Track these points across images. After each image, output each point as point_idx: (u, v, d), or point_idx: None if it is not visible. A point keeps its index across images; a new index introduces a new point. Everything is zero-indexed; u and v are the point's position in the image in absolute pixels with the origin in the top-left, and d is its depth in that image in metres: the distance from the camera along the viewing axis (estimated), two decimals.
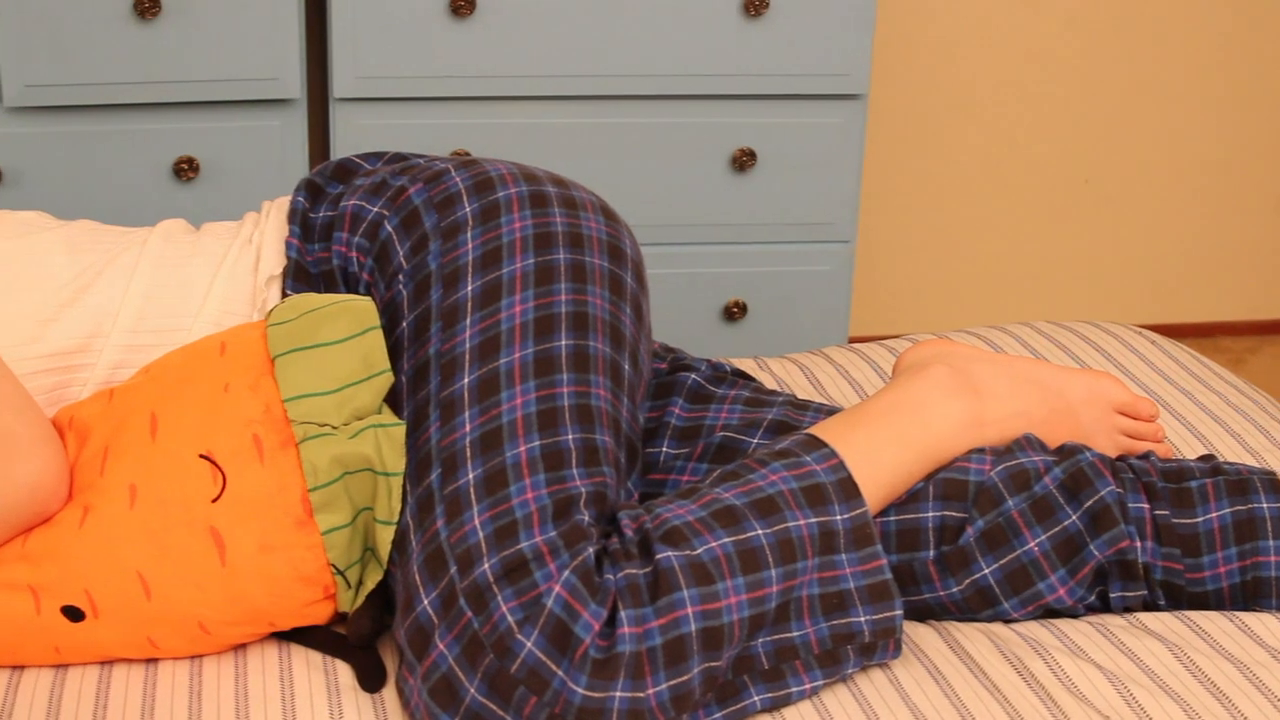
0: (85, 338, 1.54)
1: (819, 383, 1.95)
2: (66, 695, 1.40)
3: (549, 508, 1.39)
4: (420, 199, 1.57)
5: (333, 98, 2.47)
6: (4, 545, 1.44)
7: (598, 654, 1.33)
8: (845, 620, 1.44)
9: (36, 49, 2.34)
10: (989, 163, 3.18)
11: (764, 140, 2.58)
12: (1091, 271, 3.31)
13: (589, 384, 1.47)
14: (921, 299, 3.26)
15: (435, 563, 1.38)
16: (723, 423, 1.67)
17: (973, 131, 3.15)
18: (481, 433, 1.42)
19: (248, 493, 1.42)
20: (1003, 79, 3.12)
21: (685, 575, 1.37)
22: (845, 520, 1.45)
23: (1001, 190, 3.21)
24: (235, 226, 1.65)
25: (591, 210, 1.58)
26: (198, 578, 1.41)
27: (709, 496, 1.44)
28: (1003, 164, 3.18)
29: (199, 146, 2.45)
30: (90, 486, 1.45)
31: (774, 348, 2.67)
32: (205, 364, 1.49)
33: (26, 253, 1.56)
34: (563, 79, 2.49)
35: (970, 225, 3.22)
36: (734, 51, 2.51)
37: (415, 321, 1.51)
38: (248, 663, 1.45)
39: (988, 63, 3.11)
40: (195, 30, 2.37)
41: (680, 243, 2.62)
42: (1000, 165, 3.18)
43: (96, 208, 2.43)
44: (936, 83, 3.10)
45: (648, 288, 1.61)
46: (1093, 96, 3.17)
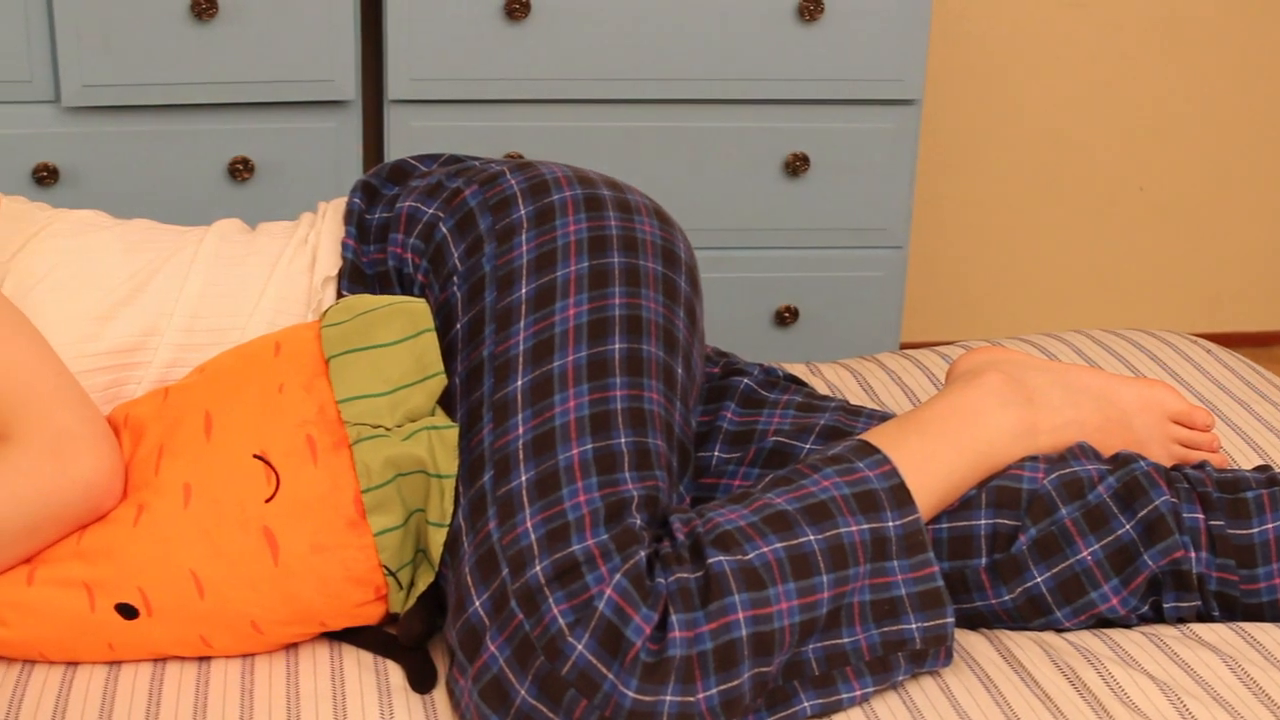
0: (141, 336, 1.55)
1: (871, 389, 1.94)
2: (120, 692, 1.41)
3: (601, 511, 1.39)
4: (475, 201, 1.57)
5: (387, 99, 2.48)
6: (59, 543, 1.45)
7: (648, 657, 1.33)
8: (896, 627, 1.43)
9: (94, 49, 2.36)
10: (1042, 169, 3.16)
11: (817, 145, 2.58)
12: (1146, 279, 3.29)
13: (642, 388, 1.47)
14: (974, 306, 3.25)
15: (487, 564, 1.38)
16: (775, 428, 1.67)
17: (1026, 138, 3.14)
18: (534, 435, 1.43)
19: (301, 493, 1.42)
20: (1057, 85, 3.11)
21: (736, 580, 1.37)
22: (897, 527, 1.45)
23: (1055, 197, 3.19)
24: (291, 227, 1.66)
25: (646, 214, 1.58)
26: (251, 577, 1.42)
27: (761, 501, 1.44)
28: (1056, 170, 3.17)
29: (254, 147, 2.46)
30: (145, 485, 1.46)
31: (825, 353, 2.67)
32: (260, 364, 1.50)
33: (84, 251, 1.57)
34: (617, 82, 2.49)
35: (1024, 232, 3.21)
36: (788, 56, 2.51)
37: (469, 324, 1.51)
38: (299, 662, 1.45)
39: (1042, 69, 3.09)
40: (251, 31, 2.39)
41: (732, 247, 2.62)
42: (1054, 172, 3.17)
43: (152, 207, 2.44)
44: (990, 89, 3.09)
45: (701, 292, 1.61)
46: (1147, 103, 3.15)
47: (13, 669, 1.44)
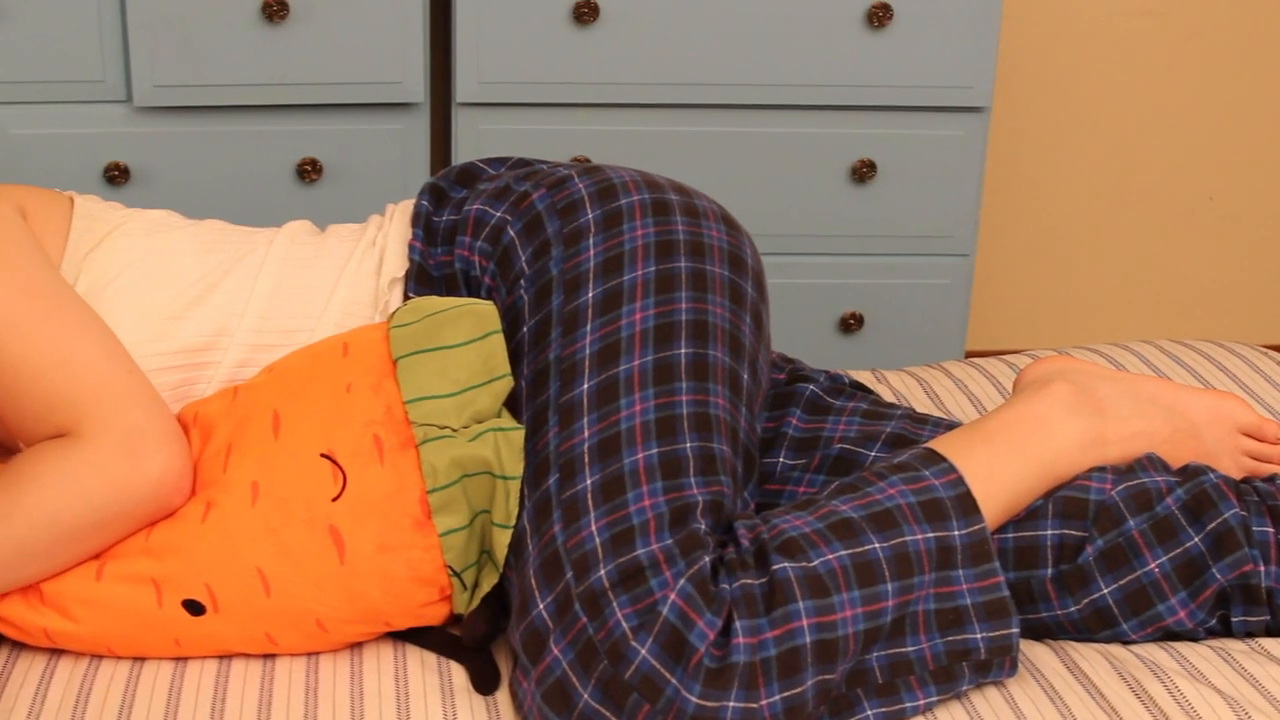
0: (211, 336, 1.56)
1: (937, 397, 1.93)
2: (186, 688, 1.42)
3: (666, 515, 1.39)
4: (543, 205, 1.57)
5: (455, 102, 2.48)
6: (128, 539, 1.46)
7: (712, 663, 1.32)
8: (961, 636, 1.43)
9: (166, 50, 2.38)
10: (1111, 178, 3.14)
11: (884, 152, 2.57)
12: (1215, 290, 3.27)
13: (708, 393, 1.47)
14: (1041, 314, 3.23)
15: (551, 567, 1.38)
16: (840, 435, 1.66)
17: (1095, 146, 3.12)
18: (600, 439, 1.43)
19: (368, 493, 1.43)
20: (1126, 94, 3.09)
21: (801, 587, 1.36)
22: (963, 536, 1.44)
23: (1123, 206, 3.17)
24: (359, 229, 1.67)
25: (713, 219, 1.58)
26: (316, 576, 1.43)
27: (826, 509, 1.44)
28: (1125, 179, 3.15)
29: (322, 148, 2.48)
30: (213, 483, 1.47)
31: (890, 360, 2.66)
32: (328, 364, 1.50)
33: (156, 251, 1.58)
34: (684, 87, 2.49)
35: (1091, 241, 3.19)
36: (856, 62, 2.50)
37: (536, 326, 1.51)
38: (363, 661, 1.46)
39: (1111, 78, 3.08)
40: (321, 33, 2.40)
41: (798, 253, 2.62)
42: (1122, 181, 3.15)
43: (221, 207, 2.46)
44: (1059, 97, 3.07)
45: (768, 297, 1.61)
46: (1216, 112, 3.13)
47: (80, 663, 1.45)
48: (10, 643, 1.48)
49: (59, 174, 2.41)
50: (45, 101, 2.40)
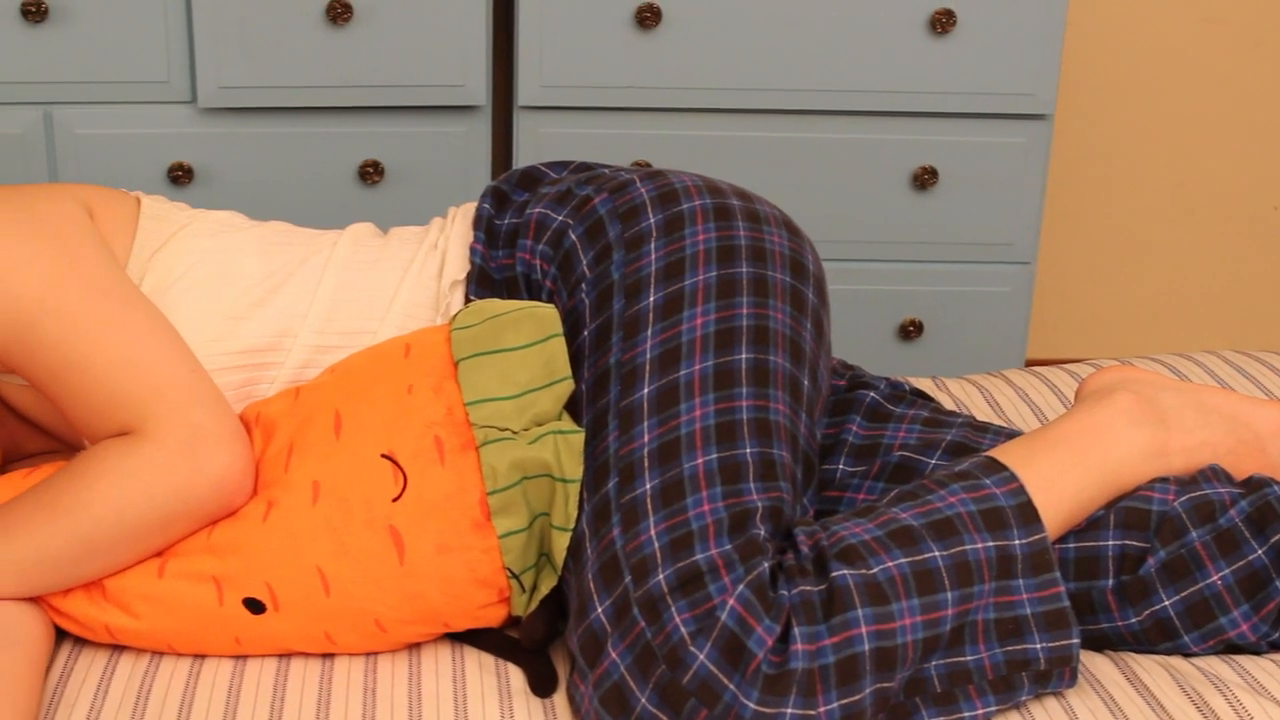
0: (275, 336, 1.57)
1: (998, 405, 1.92)
2: (245, 686, 1.42)
3: (725, 521, 1.39)
4: (605, 209, 1.58)
5: (517, 105, 2.49)
6: (190, 537, 1.47)
7: (770, 669, 1.32)
8: (1021, 646, 1.42)
9: (230, 52, 2.39)
10: (1175, 186, 3.12)
11: (946, 158, 2.56)
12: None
13: (768, 398, 1.47)
14: (1102, 323, 3.21)
15: (610, 571, 1.38)
16: (900, 442, 1.66)
17: (1158, 155, 3.10)
18: (660, 443, 1.43)
19: (428, 494, 1.43)
20: (1190, 102, 3.07)
21: (860, 594, 1.36)
22: (1023, 545, 1.44)
23: (1187, 215, 3.15)
24: (421, 231, 1.68)
25: (775, 224, 1.58)
26: (376, 576, 1.43)
27: (886, 516, 1.43)
28: (1189, 188, 3.13)
29: (384, 150, 2.49)
30: (275, 482, 1.47)
31: (949, 368, 2.65)
32: (390, 365, 1.51)
33: (221, 252, 1.59)
34: (746, 92, 2.49)
35: (1154, 250, 3.17)
36: (919, 68, 2.49)
37: (596, 330, 1.51)
38: (421, 662, 1.46)
39: (1175, 86, 3.06)
40: (385, 36, 2.41)
41: (858, 259, 2.61)
42: (1187, 189, 3.13)
43: (284, 207, 2.47)
44: (1123, 105, 3.05)
45: (829, 303, 1.61)
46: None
47: (141, 659, 1.46)
48: (73, 638, 1.49)
49: (124, 174, 2.43)
50: (111, 102, 2.42)
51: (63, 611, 1.46)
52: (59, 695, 1.41)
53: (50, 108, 2.41)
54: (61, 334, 1.46)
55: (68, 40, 2.37)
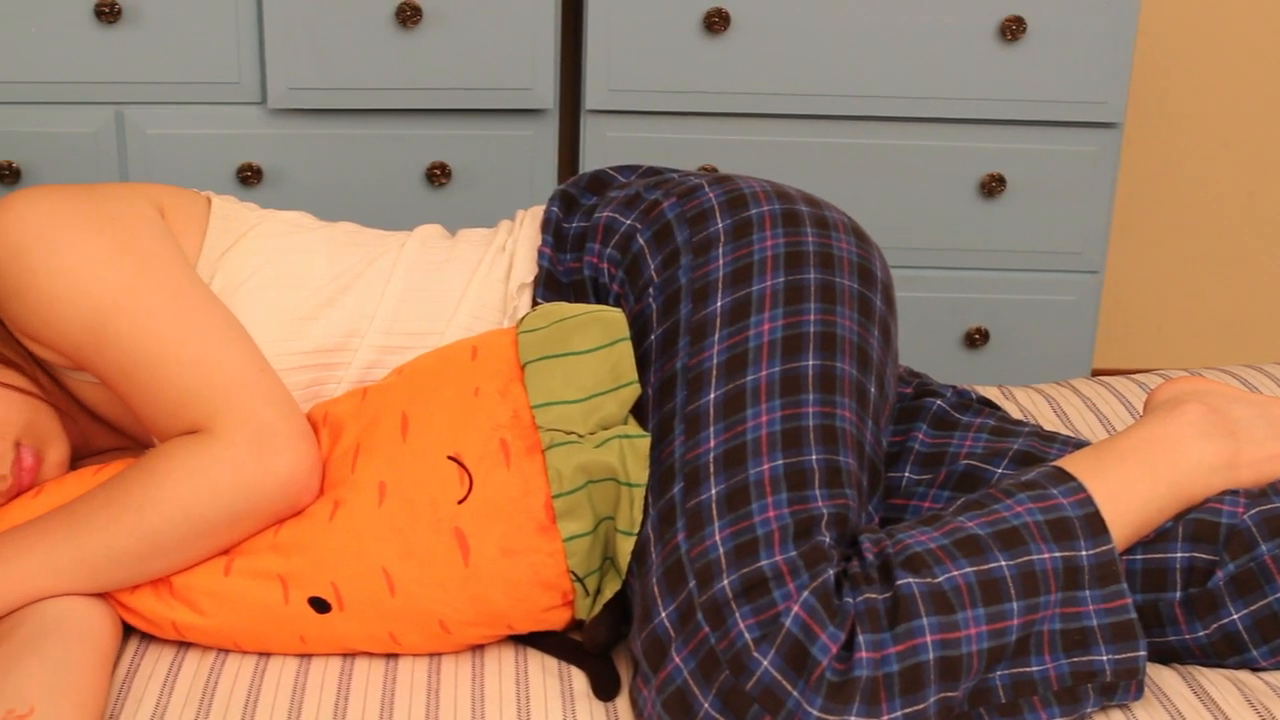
0: (342, 337, 1.57)
1: (1065, 415, 1.91)
2: (310, 685, 1.43)
3: (790, 527, 1.38)
4: (673, 213, 1.58)
5: (584, 109, 2.49)
6: (256, 535, 1.47)
7: (834, 677, 1.32)
8: (1086, 658, 1.41)
9: (300, 53, 2.40)
10: (1245, 196, 3.10)
11: (1014, 166, 2.55)
12: None
13: (834, 405, 1.47)
14: (1170, 334, 3.18)
15: (674, 576, 1.38)
16: (966, 450, 1.65)
17: (1229, 164, 3.07)
18: (725, 449, 1.43)
19: (493, 496, 1.44)
20: (1260, 111, 3.04)
21: (925, 603, 1.35)
22: (1090, 556, 1.43)
23: (1258, 225, 3.12)
24: (489, 234, 1.68)
25: (843, 231, 1.58)
26: (441, 577, 1.43)
27: (952, 525, 1.43)
28: (1259, 197, 3.10)
29: (452, 153, 2.49)
30: (341, 482, 1.48)
31: (1014, 376, 2.63)
32: (457, 367, 1.51)
33: (290, 252, 1.60)
34: (814, 98, 2.48)
35: (1224, 260, 3.14)
36: (988, 75, 2.48)
37: (663, 335, 1.51)
38: (485, 664, 1.47)
39: (1247, 94, 3.03)
40: (454, 39, 2.42)
41: (924, 266, 2.60)
42: (1256, 199, 3.10)
43: (351, 208, 2.49)
44: (1193, 113, 3.03)
45: (896, 311, 1.60)
46: None
47: (207, 657, 1.47)
48: (140, 634, 1.50)
49: (193, 174, 2.45)
50: (181, 102, 2.44)
51: (130, 607, 1.47)
52: (126, 690, 1.42)
53: (122, 108, 2.44)
54: (133, 332, 1.47)
55: (140, 41, 2.39)
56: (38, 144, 2.44)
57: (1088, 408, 1.92)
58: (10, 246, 1.49)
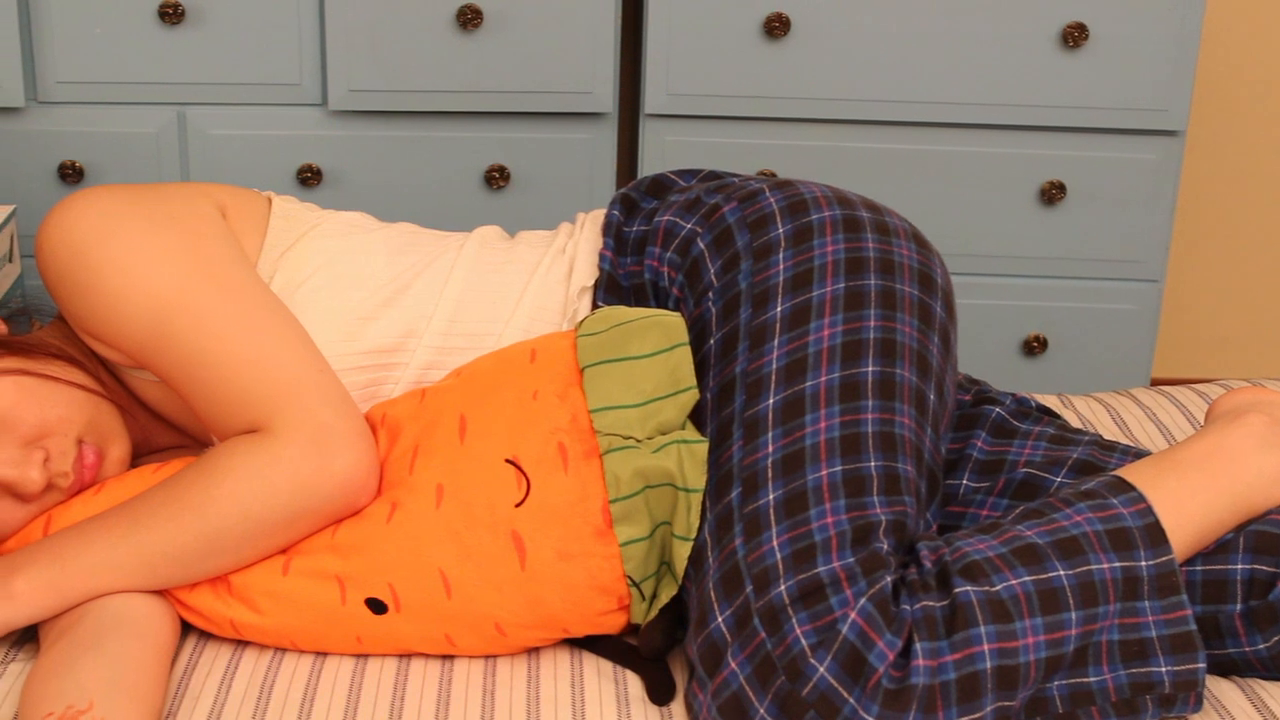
0: (400, 337, 1.58)
1: (1124, 424, 1.90)
2: (366, 685, 1.43)
3: (848, 534, 1.38)
4: (734, 218, 1.57)
5: (643, 113, 2.49)
6: (315, 535, 1.48)
7: (890, 684, 1.31)
8: (1145, 669, 1.40)
9: (361, 55, 2.41)
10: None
11: (1075, 173, 2.53)
12: None
13: (893, 411, 1.46)
14: (1231, 344, 3.16)
15: (731, 581, 1.38)
16: (1025, 459, 1.64)
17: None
18: (784, 454, 1.42)
19: (551, 500, 1.44)
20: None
21: (983, 611, 1.35)
22: (1150, 567, 1.42)
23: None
24: (550, 236, 1.68)
25: (904, 237, 1.57)
26: (497, 580, 1.44)
27: (1011, 533, 1.42)
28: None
29: (511, 155, 2.50)
30: (399, 483, 1.48)
31: (1072, 385, 2.62)
32: (515, 370, 1.52)
33: (350, 252, 1.61)
34: (874, 103, 2.48)
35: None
36: (1049, 82, 2.47)
37: (723, 339, 1.51)
38: (540, 667, 1.47)
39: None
40: (514, 42, 2.42)
41: (983, 273, 2.59)
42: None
43: (410, 210, 2.49)
44: (1257, 122, 3.01)
45: (956, 318, 1.60)
46: None
47: (264, 655, 1.48)
48: (198, 632, 1.51)
49: (254, 174, 2.47)
50: (243, 103, 2.46)
51: (189, 605, 1.48)
52: (184, 688, 1.42)
53: (184, 108, 2.45)
54: (193, 332, 1.48)
55: (202, 42, 2.41)
56: (101, 144, 2.45)
57: (1148, 417, 1.91)
58: (73, 246, 1.50)
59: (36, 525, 1.51)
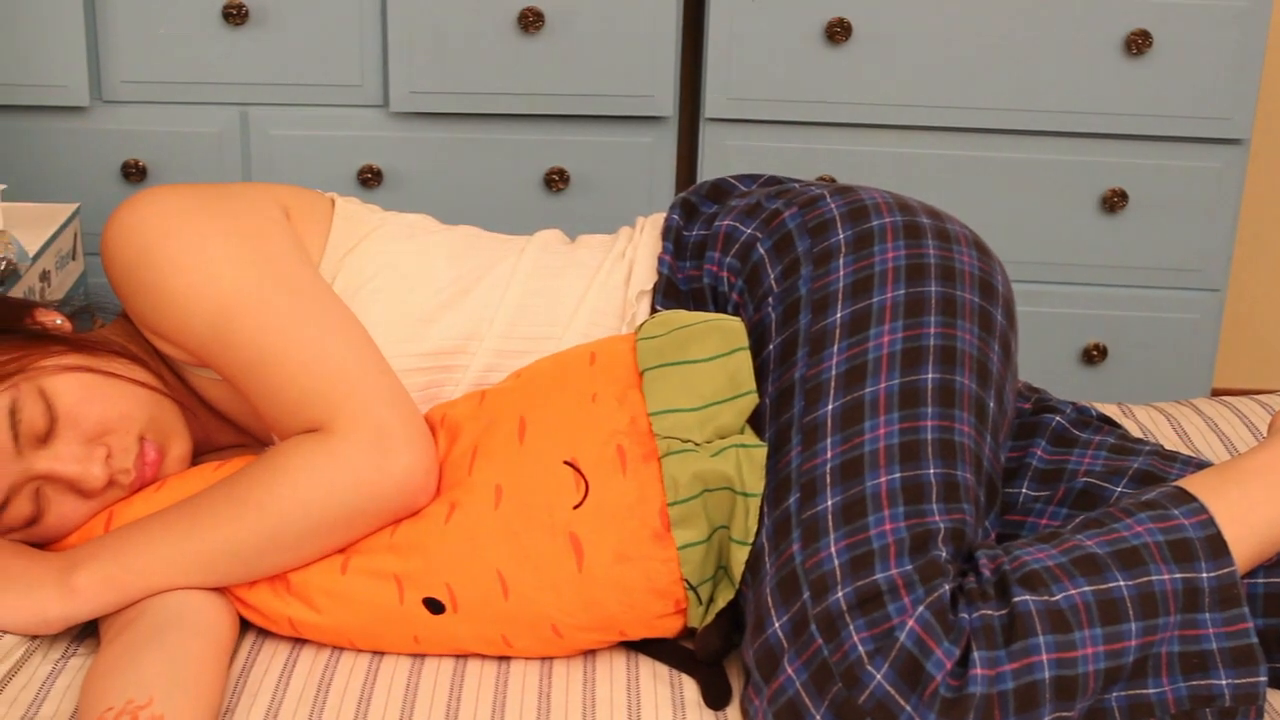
0: (461, 340, 1.58)
1: (1185, 434, 1.88)
2: (423, 684, 1.44)
3: (906, 541, 1.38)
4: (794, 223, 1.57)
5: (703, 117, 2.49)
6: (373, 534, 1.48)
7: (948, 693, 1.31)
8: (1205, 682, 1.39)
9: (422, 58, 2.42)
10: None
11: (1137, 182, 2.52)
12: None
13: (953, 419, 1.46)
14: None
15: (788, 587, 1.38)
16: (1085, 468, 1.63)
17: None
18: (842, 460, 1.42)
19: (609, 502, 1.44)
20: None
21: (1042, 621, 1.34)
22: (1211, 579, 1.40)
23: None
24: (609, 240, 1.68)
25: (965, 244, 1.57)
26: (554, 581, 1.44)
27: (1070, 543, 1.41)
28: None
29: (570, 158, 2.51)
30: (458, 484, 1.49)
31: (1132, 394, 2.60)
32: (575, 373, 1.52)
33: (412, 255, 1.61)
34: (935, 109, 2.47)
35: None
36: (1112, 89, 2.46)
37: (782, 345, 1.51)
38: (596, 669, 1.47)
39: None
40: (575, 46, 2.43)
41: (1042, 281, 2.58)
42: None
43: (469, 211, 2.50)
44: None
45: (1017, 326, 1.59)
46: None
47: (322, 654, 1.48)
48: (256, 630, 1.52)
49: (315, 175, 2.48)
50: (305, 104, 2.47)
51: (247, 603, 1.49)
52: (242, 685, 1.43)
53: (246, 108, 2.47)
54: (256, 331, 1.49)
55: (265, 43, 2.42)
56: (164, 143, 2.47)
57: (1209, 427, 1.90)
58: (138, 245, 1.52)
59: (98, 521, 1.53)
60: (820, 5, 2.42)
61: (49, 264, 2.02)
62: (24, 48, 2.40)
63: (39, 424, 1.48)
